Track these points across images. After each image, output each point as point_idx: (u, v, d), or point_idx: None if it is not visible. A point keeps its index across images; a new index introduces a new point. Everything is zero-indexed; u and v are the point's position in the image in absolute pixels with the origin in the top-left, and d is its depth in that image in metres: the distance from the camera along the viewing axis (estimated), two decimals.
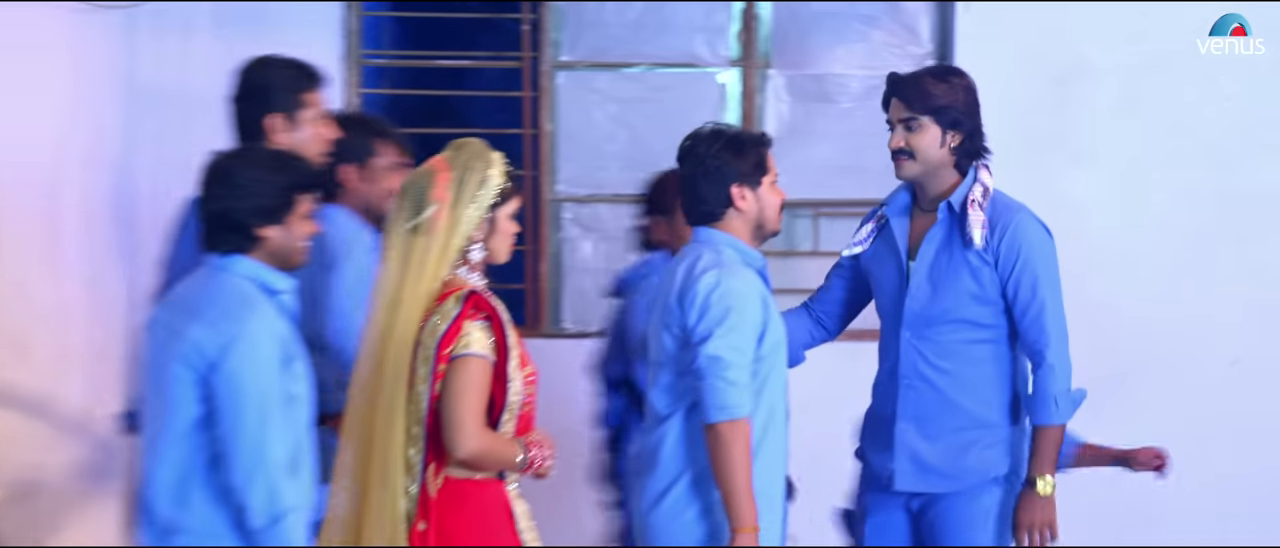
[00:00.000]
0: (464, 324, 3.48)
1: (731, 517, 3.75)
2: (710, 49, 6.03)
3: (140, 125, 5.79)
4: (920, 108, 3.96)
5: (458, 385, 3.49)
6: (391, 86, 6.57)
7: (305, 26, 5.81)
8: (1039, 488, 3.98)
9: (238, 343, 3.39)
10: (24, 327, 5.60)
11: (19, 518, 5.65)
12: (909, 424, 4.05)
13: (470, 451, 3.48)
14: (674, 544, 3.83)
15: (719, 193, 3.83)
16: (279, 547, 3.39)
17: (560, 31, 6.03)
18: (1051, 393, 3.95)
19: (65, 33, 5.62)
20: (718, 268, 3.78)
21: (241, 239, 3.49)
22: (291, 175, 3.52)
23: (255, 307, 3.44)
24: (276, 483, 3.39)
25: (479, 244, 3.56)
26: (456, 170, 3.53)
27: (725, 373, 3.71)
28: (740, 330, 3.73)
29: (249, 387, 3.39)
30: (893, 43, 5.97)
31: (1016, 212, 4.00)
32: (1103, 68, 5.81)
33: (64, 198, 5.64)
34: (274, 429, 3.40)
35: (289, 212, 3.50)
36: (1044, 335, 3.96)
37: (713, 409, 3.72)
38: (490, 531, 3.56)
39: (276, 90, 4.22)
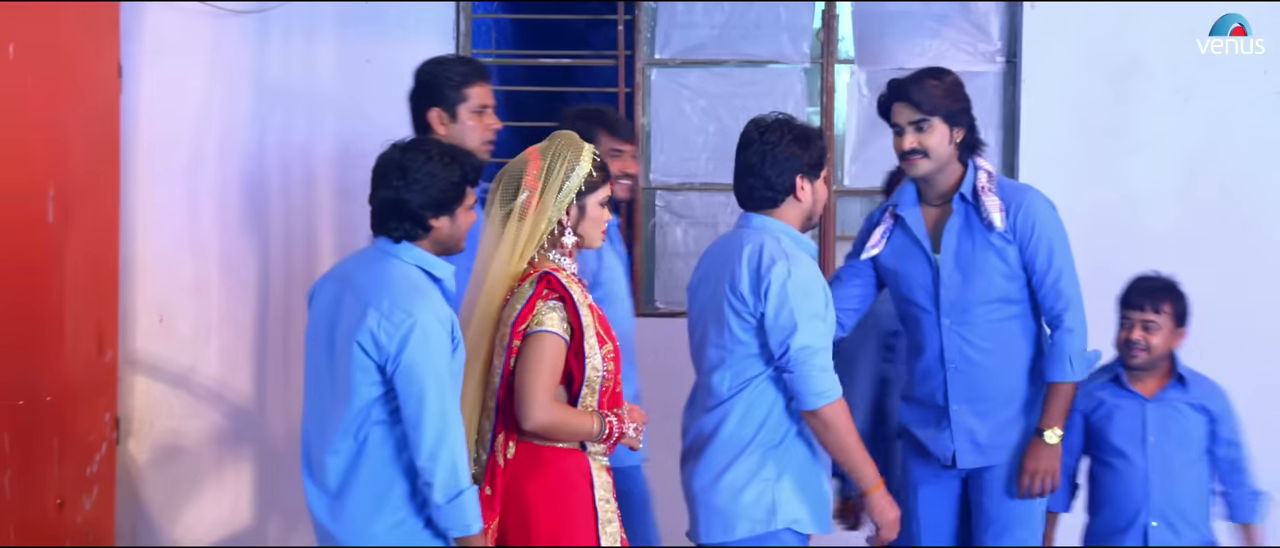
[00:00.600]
0: (537, 304, 3.56)
1: (860, 482, 3.88)
2: (794, 46, 6.06)
3: (269, 118, 5.99)
4: (929, 109, 4.06)
5: (529, 360, 3.55)
6: (499, 84, 6.57)
7: (419, 27, 5.96)
8: (1047, 437, 4.12)
9: (414, 332, 3.45)
10: (168, 300, 5.96)
11: (162, 479, 6.01)
12: (963, 406, 4.17)
13: (538, 422, 3.54)
14: (733, 521, 3.86)
15: (785, 181, 3.86)
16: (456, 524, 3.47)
17: (654, 31, 6.10)
18: (1068, 353, 4.09)
19: (205, 34, 5.93)
20: (786, 259, 3.79)
21: (414, 227, 3.55)
22: (462, 169, 3.57)
23: (426, 295, 3.50)
24: (458, 462, 3.46)
25: (569, 229, 3.64)
26: (547, 159, 3.62)
27: (816, 359, 3.77)
28: (820, 317, 3.80)
29: (428, 373, 3.45)
30: (964, 41, 6.00)
31: (1025, 191, 4.15)
32: (1158, 64, 5.82)
33: (202, 182, 5.95)
34: (453, 411, 3.48)
35: (459, 204, 3.57)
36: (1062, 300, 4.09)
37: (812, 396, 3.78)
38: (565, 494, 3.62)
39: (438, 87, 4.36)
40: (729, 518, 3.86)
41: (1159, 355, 4.26)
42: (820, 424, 3.79)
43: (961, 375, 4.16)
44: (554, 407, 3.56)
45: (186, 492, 6.07)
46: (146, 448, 6.02)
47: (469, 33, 6.14)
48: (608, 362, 3.63)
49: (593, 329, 3.59)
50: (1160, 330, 4.25)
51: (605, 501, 3.65)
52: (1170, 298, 4.26)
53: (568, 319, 3.57)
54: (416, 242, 3.57)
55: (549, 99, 6.79)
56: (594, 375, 3.60)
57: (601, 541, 3.62)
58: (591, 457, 3.65)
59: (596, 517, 3.63)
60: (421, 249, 3.57)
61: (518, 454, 3.62)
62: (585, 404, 3.62)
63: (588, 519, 3.61)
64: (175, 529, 6.04)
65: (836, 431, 3.79)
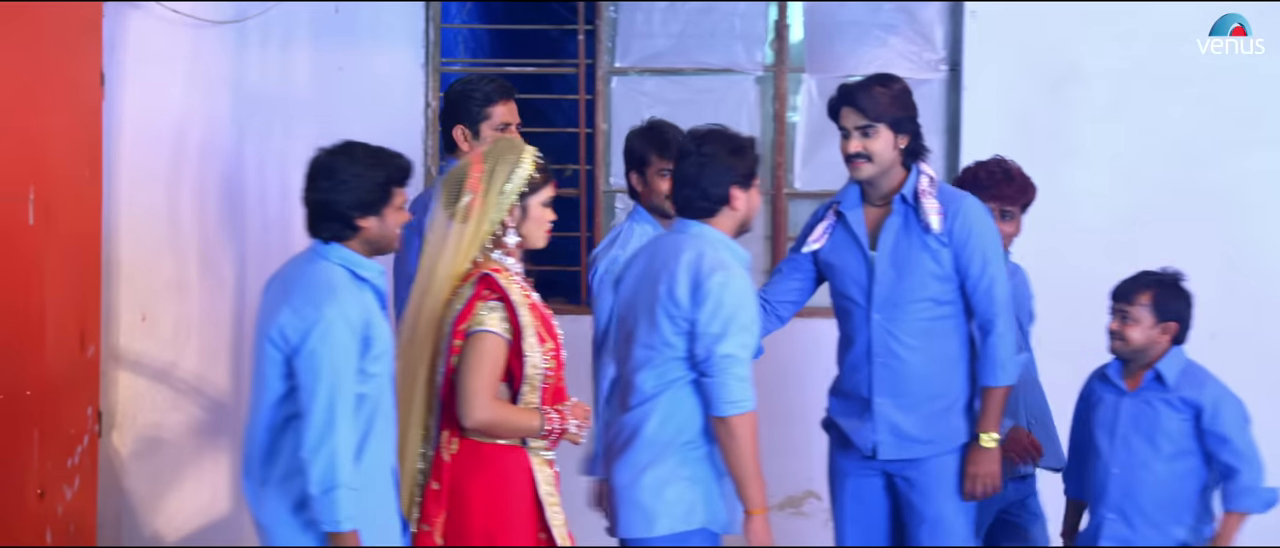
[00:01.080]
0: (477, 305, 3.61)
1: (744, 500, 3.85)
2: (747, 55, 6.21)
3: (247, 123, 6.10)
4: (874, 115, 4.15)
5: (470, 360, 3.60)
6: None
7: (390, 37, 6.11)
8: (984, 442, 4.18)
9: (318, 327, 3.47)
10: (150, 299, 6.04)
11: (144, 470, 6.09)
12: (886, 399, 4.21)
13: (478, 420, 3.59)
14: (653, 518, 3.88)
15: (720, 191, 3.91)
16: (326, 518, 3.47)
17: (614, 40, 6.24)
18: (999, 357, 4.15)
19: (186, 43, 6.06)
20: (724, 268, 3.84)
21: (341, 228, 3.58)
22: (388, 171, 3.59)
23: (340, 294, 3.51)
24: (337, 458, 3.44)
25: (512, 230, 3.70)
26: (489, 162, 3.67)
27: (736, 369, 3.79)
28: (749, 329, 3.83)
29: (324, 368, 3.46)
30: (910, 49, 6.14)
31: (964, 198, 4.22)
32: (1093, 73, 5.97)
33: (182, 185, 6.05)
34: (342, 408, 3.46)
35: (386, 204, 3.59)
36: (994, 305, 4.16)
37: (725, 404, 3.79)
38: (504, 491, 3.65)
39: (463, 105, 4.47)
40: (650, 515, 3.88)
41: (1137, 347, 4.18)
42: (726, 432, 3.81)
43: (887, 370, 4.21)
44: (494, 405, 3.61)
45: (168, 482, 6.14)
46: (129, 441, 6.10)
47: (438, 42, 6.25)
48: (548, 359, 3.66)
49: (533, 329, 3.63)
50: (1138, 323, 4.16)
51: (550, 494, 3.70)
52: (1149, 291, 4.18)
53: (508, 319, 3.61)
54: (345, 242, 3.59)
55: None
56: (534, 374, 3.64)
57: (552, 531, 3.68)
58: (532, 453, 3.69)
59: (540, 512, 3.68)
60: (349, 250, 3.59)
61: (460, 451, 3.67)
62: (527, 402, 3.66)
63: (528, 516, 3.66)
64: (157, 519, 6.12)
65: (739, 441, 3.80)
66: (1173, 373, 4.18)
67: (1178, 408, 4.17)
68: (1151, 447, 4.18)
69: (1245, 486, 4.12)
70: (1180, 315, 4.20)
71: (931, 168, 4.26)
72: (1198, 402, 4.15)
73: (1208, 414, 4.13)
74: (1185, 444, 4.16)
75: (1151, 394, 4.19)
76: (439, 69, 6.32)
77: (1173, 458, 4.17)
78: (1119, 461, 4.20)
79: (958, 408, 4.25)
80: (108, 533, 5.99)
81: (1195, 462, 4.17)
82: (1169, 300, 4.18)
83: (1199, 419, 4.14)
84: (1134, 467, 4.18)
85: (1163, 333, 4.18)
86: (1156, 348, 4.19)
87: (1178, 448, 4.17)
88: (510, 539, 3.66)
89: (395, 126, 6.12)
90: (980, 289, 4.18)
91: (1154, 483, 4.17)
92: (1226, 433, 4.14)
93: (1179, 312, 4.20)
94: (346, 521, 3.47)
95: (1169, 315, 4.18)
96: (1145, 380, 4.20)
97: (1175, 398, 4.17)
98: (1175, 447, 4.17)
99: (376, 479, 3.60)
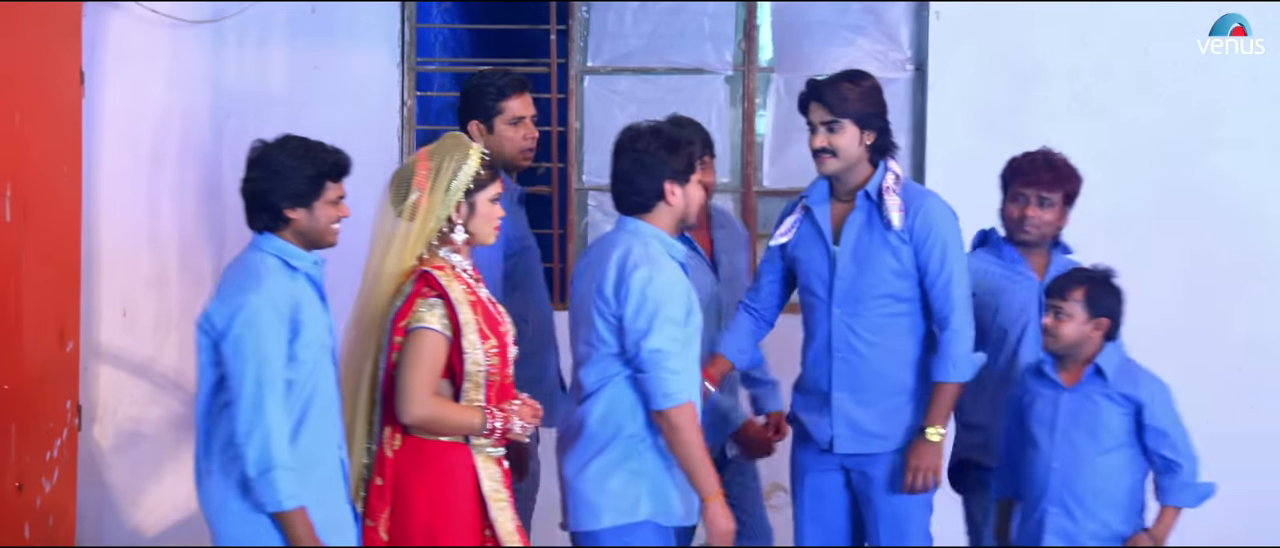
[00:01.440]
0: (416, 301, 3.61)
1: (697, 489, 3.87)
2: (717, 54, 6.30)
3: (224, 121, 6.12)
4: (840, 112, 4.16)
5: (408, 356, 3.59)
6: (442, 90, 6.83)
7: (366, 36, 6.20)
8: (929, 436, 4.18)
9: (242, 312, 3.48)
10: (130, 294, 6.02)
11: (125, 464, 6.07)
12: (845, 394, 4.23)
13: (415, 417, 3.59)
14: (599, 510, 3.89)
15: (654, 186, 3.90)
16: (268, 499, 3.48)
17: (586, 40, 6.32)
18: (952, 354, 4.16)
19: (165, 42, 6.06)
20: (648, 263, 3.83)
21: (271, 219, 3.60)
22: (318, 164, 3.59)
23: (263, 280, 3.52)
24: (271, 439, 3.46)
25: (460, 226, 3.69)
26: (434, 159, 3.67)
27: (667, 363, 3.79)
28: (675, 321, 3.82)
29: (249, 353, 3.47)
30: (877, 49, 6.22)
31: (927, 195, 4.25)
32: (1056, 71, 6.03)
33: (162, 182, 6.06)
34: (270, 391, 3.47)
35: (316, 197, 3.59)
36: (950, 303, 4.16)
37: (660, 398, 3.80)
38: (445, 489, 3.65)
39: (477, 99, 4.50)
40: (595, 507, 3.90)
41: (1070, 343, 4.20)
42: (667, 425, 3.83)
43: (846, 364, 4.23)
44: (432, 402, 3.61)
45: (148, 475, 6.15)
46: (110, 434, 6.09)
47: (413, 41, 6.31)
48: (491, 357, 3.65)
49: (473, 325, 3.62)
50: (1071, 319, 4.17)
51: (495, 492, 3.69)
52: (1081, 288, 4.19)
53: (447, 316, 3.61)
54: (278, 233, 3.60)
55: None
56: (476, 371, 3.64)
57: (496, 529, 3.68)
58: (477, 450, 3.68)
59: (484, 509, 3.67)
60: (282, 240, 3.61)
61: (403, 447, 3.67)
62: (470, 399, 3.66)
63: (470, 514, 3.66)
64: (138, 512, 6.13)
65: (681, 433, 3.81)
66: (1112, 367, 4.20)
67: (1118, 402, 4.19)
68: (1092, 440, 4.19)
69: (1184, 481, 4.18)
70: (1112, 311, 4.22)
71: (898, 165, 4.28)
72: (1137, 397, 4.18)
73: (1148, 409, 4.17)
74: (1123, 438, 4.19)
75: (1092, 389, 4.21)
76: (414, 68, 6.38)
77: (1111, 451, 4.19)
78: (1060, 455, 4.20)
79: (916, 405, 4.27)
80: (89, 526, 5.98)
81: (1132, 454, 4.21)
82: (1101, 297, 4.20)
83: (1139, 414, 4.18)
84: (1075, 461, 4.19)
85: (1095, 329, 4.20)
86: (1090, 344, 4.21)
87: (1116, 441, 4.19)
88: (452, 538, 3.66)
89: (371, 125, 6.23)
90: (938, 286, 4.19)
91: (1093, 475, 4.19)
92: (1165, 427, 4.18)
93: (1111, 308, 4.22)
94: (289, 499, 3.49)
95: (1101, 311, 4.19)
96: (1085, 375, 4.21)
97: (1114, 393, 4.19)
98: (1114, 440, 4.19)
99: (321, 468, 3.61)
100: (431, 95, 6.73)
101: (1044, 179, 4.48)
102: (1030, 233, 4.49)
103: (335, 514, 3.64)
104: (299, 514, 3.51)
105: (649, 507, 3.90)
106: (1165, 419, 4.19)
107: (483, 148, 3.75)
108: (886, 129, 4.26)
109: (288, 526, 3.52)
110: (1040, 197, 4.49)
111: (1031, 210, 4.47)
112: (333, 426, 3.65)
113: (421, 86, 6.54)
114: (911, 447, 4.23)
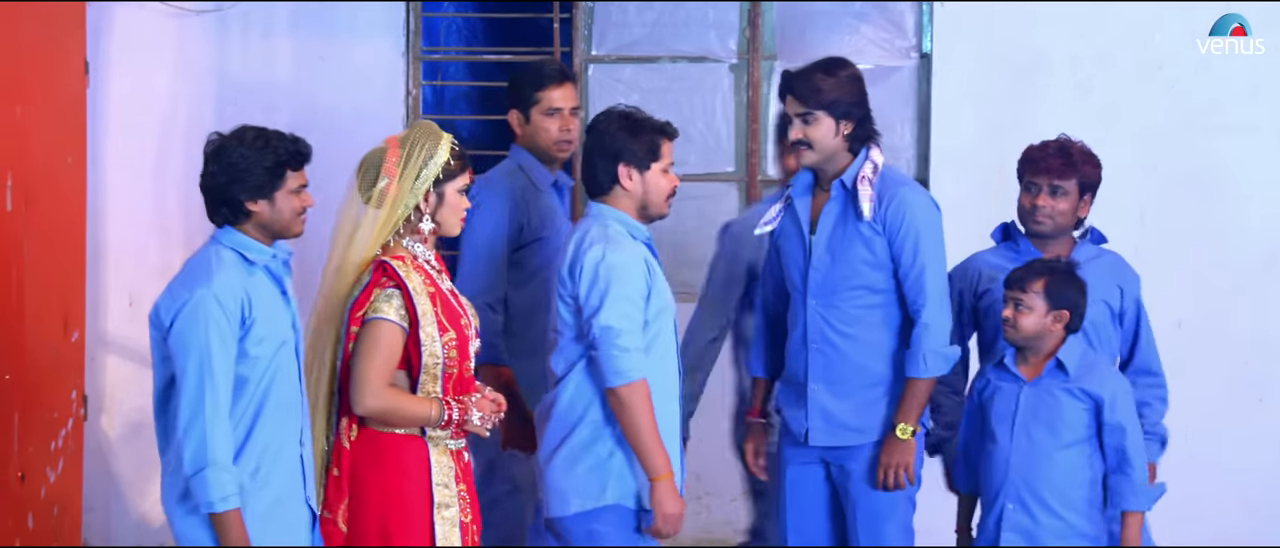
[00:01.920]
0: (374, 291, 3.57)
1: (646, 469, 3.84)
2: (721, 43, 6.28)
3: (228, 111, 5.94)
4: (814, 104, 4.08)
5: (363, 347, 3.56)
6: (448, 79, 6.84)
7: (371, 25, 6.18)
8: (899, 433, 4.11)
9: (187, 306, 3.42)
10: (137, 284, 6.05)
11: (131, 453, 6.10)
12: (820, 385, 4.18)
13: (369, 408, 3.55)
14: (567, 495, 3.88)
15: (609, 169, 3.90)
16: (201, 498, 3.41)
17: (591, 28, 6.30)
18: (923, 349, 4.08)
19: (169, 33, 6.10)
20: (603, 242, 3.83)
21: (231, 212, 3.53)
22: (277, 154, 3.52)
23: (213, 274, 3.46)
24: (209, 436, 3.38)
25: (427, 216, 3.65)
26: (405, 147, 3.63)
27: (618, 340, 3.78)
28: (628, 298, 3.80)
29: (192, 347, 3.40)
30: (881, 37, 6.19)
31: (903, 185, 4.15)
32: (1058, 60, 6.00)
33: (168, 173, 6.09)
34: (211, 387, 3.40)
35: (276, 187, 3.52)
36: (923, 296, 4.08)
37: (611, 374, 3.79)
38: (398, 481, 3.61)
39: (517, 90, 4.52)
40: (564, 492, 3.90)
41: (1029, 335, 4.11)
42: (617, 402, 3.81)
43: (821, 356, 4.18)
44: (386, 393, 3.56)
45: (154, 464, 5.78)
46: (117, 424, 6.12)
47: (418, 31, 6.28)
48: (449, 349, 3.61)
49: (431, 317, 3.59)
50: (1031, 311, 4.09)
51: (444, 486, 3.64)
52: (1043, 279, 4.10)
53: (404, 307, 3.57)
54: (239, 226, 3.54)
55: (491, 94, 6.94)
56: (432, 363, 3.59)
57: (435, 527, 3.61)
58: (432, 442, 3.64)
59: (432, 504, 3.62)
60: (240, 233, 3.54)
61: (359, 439, 3.64)
62: (426, 391, 3.61)
63: (423, 508, 3.62)
64: (144, 501, 6.14)
65: (630, 411, 3.79)
66: (1073, 361, 4.12)
67: (1078, 397, 4.12)
68: (1052, 435, 4.12)
69: (1137, 483, 4.11)
70: (1073, 304, 4.13)
71: (880, 154, 4.19)
72: (1098, 394, 4.10)
73: (1108, 405, 4.09)
74: (1082, 433, 4.12)
75: (1052, 383, 4.13)
76: (420, 57, 6.35)
77: (1070, 446, 4.12)
78: (1018, 450, 4.12)
79: (892, 398, 4.21)
80: (97, 516, 6.01)
81: (1090, 450, 4.13)
82: (1062, 289, 4.11)
83: (1099, 411, 4.10)
84: (1035, 456, 4.12)
85: (1056, 322, 4.11)
86: (1050, 337, 4.13)
87: (1075, 436, 4.12)
88: (404, 533, 3.62)
89: (377, 114, 6.18)
90: (911, 278, 4.13)
91: (1052, 471, 4.11)
92: (1124, 423, 4.11)
93: (1072, 300, 4.12)
94: (221, 501, 3.41)
95: (1062, 304, 4.11)
96: (1046, 369, 4.13)
97: (1075, 387, 4.12)
98: (1073, 435, 4.12)
99: (281, 466, 3.56)
100: (445, 85, 6.69)
101: (1055, 167, 4.35)
102: (1043, 224, 4.35)
103: (294, 514, 3.59)
104: (232, 516, 3.43)
105: (615, 490, 3.89)
106: (1125, 416, 4.11)
107: (452, 140, 3.71)
108: (865, 118, 4.17)
109: (219, 527, 3.45)
110: (1052, 185, 4.35)
111: (1042, 200, 4.34)
112: (292, 422, 3.59)
113: (432, 76, 6.54)
114: (884, 443, 4.18)
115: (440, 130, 3.71)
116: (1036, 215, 4.36)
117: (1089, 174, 4.40)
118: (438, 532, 3.63)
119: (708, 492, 6.16)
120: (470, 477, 3.76)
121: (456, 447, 3.70)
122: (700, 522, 6.22)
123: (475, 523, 3.74)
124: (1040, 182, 4.35)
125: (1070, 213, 4.38)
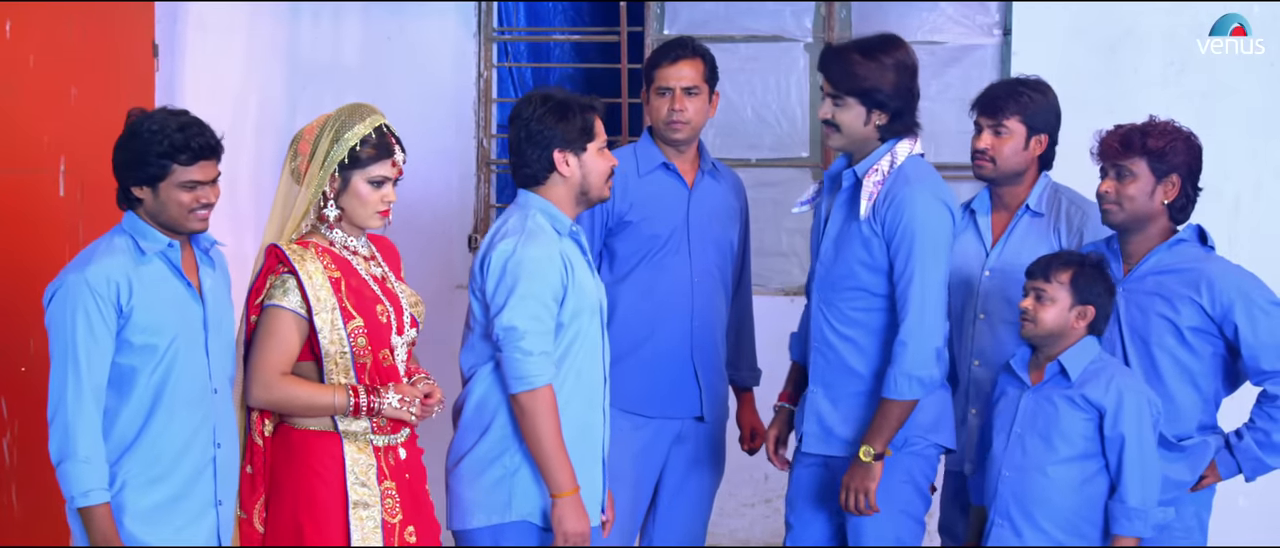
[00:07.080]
0: (269, 278, 3.43)
1: (548, 483, 3.59)
2: (795, 22, 6.13)
3: (300, 96, 6.15)
4: (845, 88, 3.83)
5: (258, 335, 3.42)
6: (522, 61, 6.78)
7: (440, 6, 6.12)
8: (861, 455, 3.83)
9: (58, 291, 3.32)
10: None
11: None
12: (819, 387, 3.98)
13: (261, 399, 3.41)
14: (471, 509, 3.65)
15: (543, 156, 3.67)
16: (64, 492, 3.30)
17: (662, 7, 6.18)
18: (896, 370, 3.79)
19: (241, 19, 6.15)
20: (518, 235, 3.59)
21: (123, 195, 3.41)
22: (170, 142, 3.34)
23: (93, 259, 3.34)
24: (70, 428, 3.26)
25: (331, 201, 3.45)
26: (325, 126, 3.45)
27: (521, 343, 3.53)
28: (536, 297, 3.55)
29: (55, 334, 3.30)
30: (962, 14, 6.02)
31: (909, 185, 3.82)
32: (1151, 35, 5.77)
33: (241, 157, 6.07)
34: (75, 377, 3.27)
35: (161, 178, 3.35)
36: (906, 308, 3.79)
37: (513, 379, 3.55)
38: (313, 480, 3.45)
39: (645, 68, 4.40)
40: (467, 505, 3.68)
41: (1049, 330, 3.79)
42: (518, 409, 3.58)
43: (821, 357, 3.99)
44: (279, 383, 3.40)
45: None
46: None
47: (490, 10, 6.25)
48: (357, 337, 3.45)
49: (329, 304, 3.42)
50: (1053, 303, 3.78)
51: (362, 485, 3.48)
52: (1069, 269, 3.79)
53: (301, 293, 3.42)
54: (135, 211, 3.41)
55: (570, 75, 7.02)
56: (336, 352, 3.43)
57: (351, 525, 3.46)
58: (348, 438, 3.49)
59: (347, 502, 3.47)
60: (140, 220, 3.40)
61: (275, 434, 3.51)
62: (333, 381, 3.44)
63: (339, 506, 3.47)
64: None
65: (532, 419, 3.56)
66: (1078, 367, 3.77)
67: (1080, 407, 3.77)
68: (1047, 447, 3.79)
69: (1132, 506, 3.72)
70: (1099, 301, 3.78)
71: (911, 147, 3.90)
72: (1101, 403, 3.74)
73: (1110, 416, 3.73)
74: (1084, 448, 3.77)
75: (1053, 390, 3.80)
76: (492, 38, 6.30)
77: (1069, 462, 3.78)
78: (1011, 462, 3.81)
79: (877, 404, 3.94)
80: None
81: (1095, 468, 3.77)
82: (1090, 283, 3.78)
83: (1100, 421, 3.75)
84: (1026, 469, 3.80)
85: (1079, 318, 3.78)
86: (1071, 335, 3.80)
87: (1075, 452, 3.77)
88: (317, 533, 3.47)
89: (445, 97, 6.18)
90: (899, 286, 3.84)
91: (1046, 486, 3.78)
92: (1125, 436, 3.73)
93: (1099, 296, 3.78)
94: (81, 495, 3.27)
95: (1088, 298, 3.77)
96: (1048, 373, 3.81)
97: (1077, 395, 3.77)
98: (1073, 450, 3.77)
99: (183, 464, 3.41)
100: (513, 67, 6.62)
101: (1112, 147, 3.93)
102: (1111, 212, 3.94)
103: (195, 514, 3.43)
104: (98, 512, 3.29)
105: (521, 506, 3.66)
106: (1129, 428, 3.72)
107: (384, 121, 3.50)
108: (904, 110, 3.87)
109: (84, 521, 3.31)
110: (1116, 167, 3.93)
111: (1105, 185, 3.94)
112: (200, 418, 3.41)
113: (500, 58, 6.48)
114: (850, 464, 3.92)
115: (371, 112, 3.50)
116: (1103, 202, 3.98)
117: (1164, 151, 3.91)
118: (354, 532, 3.45)
119: (778, 494, 6.03)
120: (411, 473, 3.59)
121: (385, 443, 3.52)
122: (769, 526, 6.14)
123: (418, 522, 3.57)
124: (1104, 165, 3.98)
125: (1140, 199, 3.92)
